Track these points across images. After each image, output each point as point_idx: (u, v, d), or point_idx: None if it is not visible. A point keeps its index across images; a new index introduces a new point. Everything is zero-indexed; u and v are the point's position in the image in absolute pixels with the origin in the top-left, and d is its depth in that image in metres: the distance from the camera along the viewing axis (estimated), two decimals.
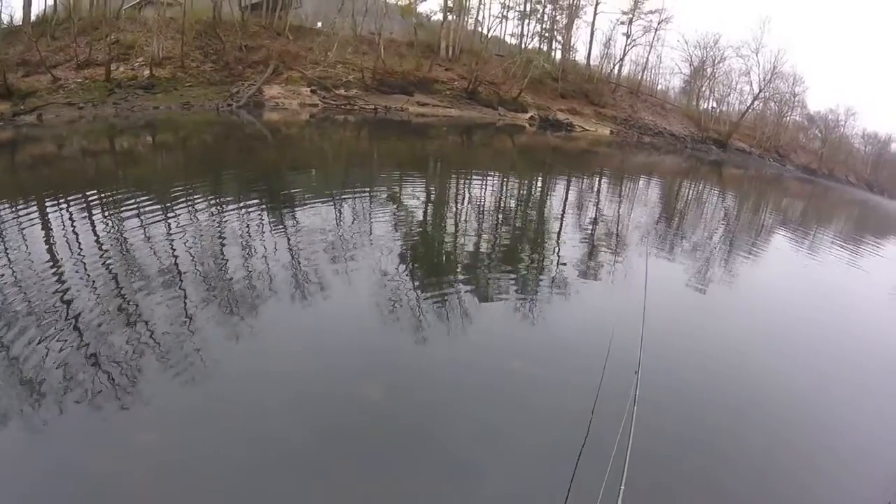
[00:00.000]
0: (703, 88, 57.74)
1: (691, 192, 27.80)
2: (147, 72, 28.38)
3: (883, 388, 7.93)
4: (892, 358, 9.26)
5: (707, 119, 55.95)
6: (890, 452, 6.28)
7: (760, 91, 55.39)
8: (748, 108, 56.95)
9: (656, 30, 52.74)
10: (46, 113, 22.37)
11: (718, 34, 56.94)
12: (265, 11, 37.34)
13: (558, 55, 50.10)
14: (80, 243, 8.52)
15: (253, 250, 8.99)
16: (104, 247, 8.52)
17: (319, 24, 40.65)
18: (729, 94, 59.89)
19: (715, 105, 59.63)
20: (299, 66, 33.83)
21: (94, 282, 7.18)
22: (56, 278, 7.18)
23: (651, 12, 51.51)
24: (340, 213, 11.96)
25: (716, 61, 55.60)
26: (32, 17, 29.57)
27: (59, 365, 5.28)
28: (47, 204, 10.72)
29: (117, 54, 28.29)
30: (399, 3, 41.80)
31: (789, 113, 61.88)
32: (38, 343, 5.59)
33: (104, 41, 27.70)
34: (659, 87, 60.67)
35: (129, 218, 9.99)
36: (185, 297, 7.05)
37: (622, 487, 3.37)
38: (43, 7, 31.41)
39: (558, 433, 5.29)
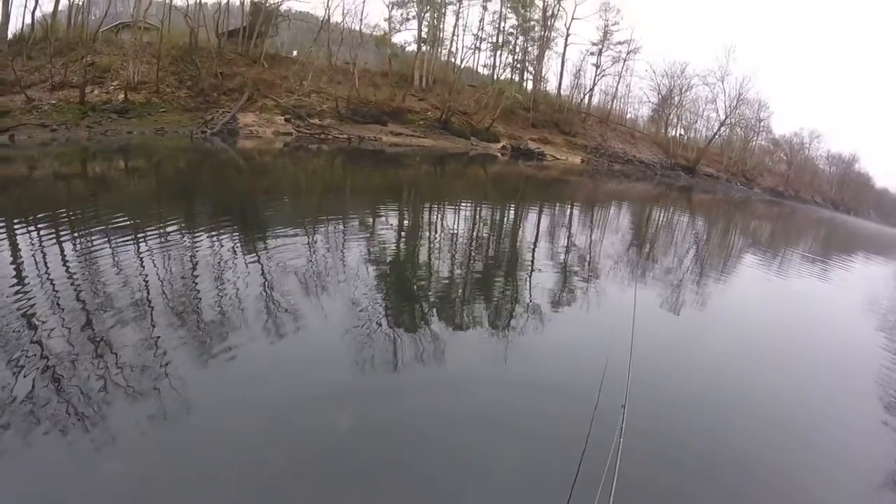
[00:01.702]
0: (671, 116, 59.62)
1: (664, 217, 28.39)
2: (122, 96, 28.47)
3: (866, 393, 8.25)
4: (871, 362, 9.67)
5: (675, 146, 57.61)
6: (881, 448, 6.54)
7: (727, 117, 57.47)
8: (715, 134, 58.92)
9: (625, 60, 54.80)
10: (19, 134, 22.21)
11: (685, 63, 59.12)
12: (241, 39, 37.67)
13: (530, 85, 51.46)
14: (48, 268, 8.39)
15: (225, 279, 8.88)
16: (74, 273, 8.38)
17: (295, 53, 41.20)
18: (696, 122, 62.17)
19: (683, 132, 61.73)
20: (274, 94, 34.13)
21: (62, 308, 7.06)
22: (22, 304, 7.05)
23: (620, 43, 53.51)
24: (314, 243, 11.92)
25: (683, 89, 57.68)
26: (9, 36, 29.54)
27: (23, 392, 5.21)
28: (16, 226, 10.60)
29: (92, 77, 28.41)
30: (374, 33, 42.47)
31: (755, 138, 64.29)
32: (2, 370, 5.48)
33: (80, 63, 27.78)
34: (628, 115, 62.61)
35: (99, 243, 9.83)
36: (155, 325, 6.88)
37: None
38: (20, 26, 31.26)
39: (544, 466, 5.13)
